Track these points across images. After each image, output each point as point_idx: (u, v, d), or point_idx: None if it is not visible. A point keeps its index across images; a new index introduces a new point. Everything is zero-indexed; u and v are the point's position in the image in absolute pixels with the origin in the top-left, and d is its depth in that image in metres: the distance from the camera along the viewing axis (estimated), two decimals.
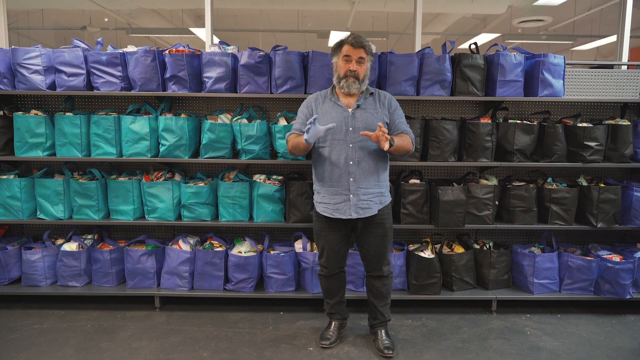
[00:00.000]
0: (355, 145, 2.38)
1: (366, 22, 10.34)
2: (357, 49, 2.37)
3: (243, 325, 2.87)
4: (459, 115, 3.37)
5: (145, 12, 8.74)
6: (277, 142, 2.99)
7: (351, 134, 2.39)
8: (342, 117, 2.41)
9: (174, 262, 3.03)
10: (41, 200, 3.06)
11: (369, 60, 2.45)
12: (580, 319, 3.02)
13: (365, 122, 2.40)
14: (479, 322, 2.97)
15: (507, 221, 3.16)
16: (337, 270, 2.61)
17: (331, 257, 2.55)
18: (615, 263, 2.99)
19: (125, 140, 2.99)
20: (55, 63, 2.98)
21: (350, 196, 2.40)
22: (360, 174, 2.39)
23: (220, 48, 3.12)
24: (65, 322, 2.87)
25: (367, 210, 2.41)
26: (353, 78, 2.38)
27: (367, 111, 2.43)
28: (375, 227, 2.48)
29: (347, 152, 2.38)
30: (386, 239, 2.51)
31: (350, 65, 2.38)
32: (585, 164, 3.06)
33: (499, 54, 3.00)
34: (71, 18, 9.93)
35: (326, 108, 2.46)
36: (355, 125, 2.39)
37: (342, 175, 2.40)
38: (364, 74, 2.41)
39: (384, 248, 2.52)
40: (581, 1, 8.06)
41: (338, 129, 2.39)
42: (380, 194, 2.47)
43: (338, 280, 2.64)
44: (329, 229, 2.50)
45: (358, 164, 2.39)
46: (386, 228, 2.50)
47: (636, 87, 3.40)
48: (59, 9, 8.21)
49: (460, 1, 7.24)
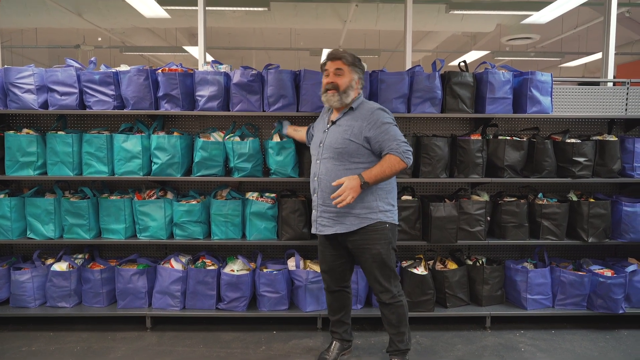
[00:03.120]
0: (321, 161, 2.39)
1: (358, 40, 10.50)
2: (333, 61, 2.37)
3: (236, 345, 2.84)
4: (450, 132, 3.41)
5: (139, 30, 8.81)
6: (270, 158, 3.00)
7: (319, 150, 2.42)
8: (319, 133, 2.49)
9: (165, 281, 3.00)
10: (31, 220, 3.03)
11: (354, 72, 2.37)
12: (574, 335, 3.02)
13: (331, 139, 2.37)
14: (473, 339, 2.95)
15: (499, 237, 3.18)
16: (337, 288, 2.57)
17: (326, 272, 2.56)
18: (607, 278, 3.00)
19: (117, 158, 2.98)
20: (47, 82, 2.99)
21: (314, 211, 2.46)
22: (321, 190, 2.38)
23: (213, 67, 3.14)
24: (54, 344, 2.82)
25: (327, 228, 2.39)
26: (332, 90, 2.35)
27: (339, 127, 2.37)
28: (359, 252, 2.38)
29: (315, 167, 2.43)
30: (374, 265, 2.36)
31: (327, 79, 2.38)
32: (575, 179, 3.10)
33: (488, 72, 3.05)
34: (65, 36, 9.99)
35: (319, 123, 2.57)
36: (325, 142, 2.40)
37: (312, 190, 2.46)
38: (345, 85, 2.33)
39: (373, 275, 2.39)
40: (568, 19, 8.24)
41: (315, 145, 2.48)
42: (349, 214, 2.32)
43: (339, 298, 2.59)
44: (323, 245, 2.52)
45: (320, 180, 2.38)
46: (372, 254, 2.34)
47: (622, 104, 3.47)
48: (52, 27, 8.25)
49: (449, 20, 7.37)
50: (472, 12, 6.71)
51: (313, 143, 2.54)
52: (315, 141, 2.52)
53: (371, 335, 2.98)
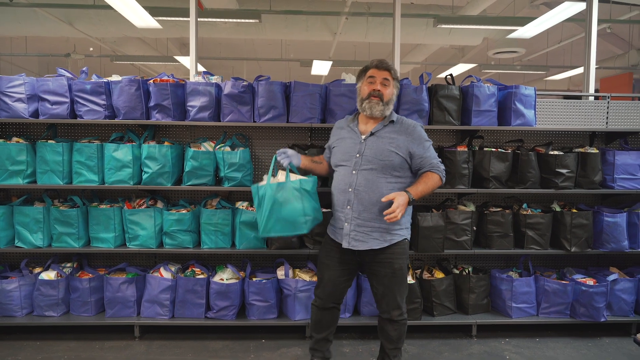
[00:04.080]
0: (359, 173, 2.27)
1: (348, 52, 10.63)
2: (381, 70, 2.31)
3: (224, 354, 2.84)
4: (437, 143, 3.48)
5: (130, 40, 8.84)
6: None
7: (357, 160, 2.28)
8: (353, 144, 2.34)
9: (155, 290, 3.01)
10: (20, 228, 3.02)
11: (395, 87, 2.37)
12: (557, 343, 3.08)
13: (375, 150, 2.28)
14: (459, 347, 2.99)
15: (485, 246, 3.24)
16: (331, 305, 2.45)
17: (328, 288, 2.41)
18: (589, 286, 3.07)
19: (108, 167, 3.00)
20: (39, 91, 3.00)
21: (345, 224, 2.29)
22: (358, 203, 2.25)
23: (204, 78, 3.19)
24: (41, 354, 2.80)
25: (361, 243, 2.26)
26: (377, 99, 2.28)
27: (381, 139, 2.30)
28: (381, 266, 2.30)
29: (350, 178, 2.28)
30: (394, 280, 2.30)
31: (374, 86, 2.30)
32: (558, 190, 3.18)
33: (474, 85, 3.13)
34: (54, 44, 9.97)
35: (343, 134, 2.42)
36: (364, 152, 2.29)
37: (343, 202, 2.30)
38: (389, 96, 2.31)
39: (391, 291, 2.31)
40: (553, 34, 8.45)
41: (348, 155, 2.32)
42: (383, 229, 2.27)
43: (330, 315, 2.48)
44: (332, 257, 2.38)
45: (357, 192, 2.26)
46: (394, 269, 2.29)
47: (603, 117, 3.58)
48: (42, 36, 8.24)
49: (437, 33, 7.53)
50: (459, 26, 6.86)
51: (343, 153, 2.36)
52: (346, 151, 2.35)
53: (359, 343, 3.01)
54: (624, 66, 9.38)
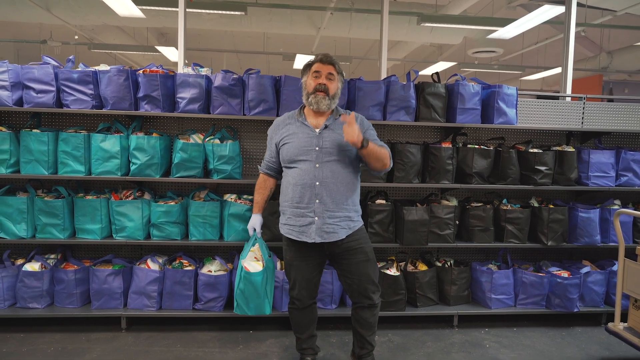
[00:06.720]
0: (322, 165, 2.29)
1: (329, 47, 10.66)
2: (326, 65, 2.34)
3: (213, 345, 2.87)
4: (422, 139, 3.57)
5: (108, 28, 8.64)
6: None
7: (318, 154, 2.30)
8: (308, 137, 2.34)
9: (142, 281, 3.00)
10: (2, 219, 2.96)
11: (339, 80, 2.40)
12: (533, 332, 3.22)
13: (333, 142, 2.32)
14: (442, 336, 3.10)
15: (467, 240, 3.35)
16: (310, 302, 2.48)
17: (304, 288, 2.41)
18: (564, 279, 3.23)
19: (94, 158, 2.97)
20: (23, 79, 2.94)
21: (315, 219, 2.28)
22: (327, 195, 2.28)
23: (194, 69, 3.18)
24: (25, 346, 2.77)
25: (332, 235, 2.28)
26: (323, 93, 2.31)
27: (336, 132, 2.34)
28: (355, 253, 2.35)
29: (314, 172, 2.28)
30: (369, 264, 2.37)
31: (319, 80, 2.32)
32: (537, 186, 3.31)
33: (459, 84, 3.23)
34: (29, 31, 9.65)
35: (293, 129, 2.39)
36: (322, 145, 2.31)
37: (308, 197, 2.28)
38: (334, 91, 2.35)
39: (369, 275, 2.37)
40: (529, 36, 8.69)
41: (305, 149, 2.31)
42: (347, 218, 2.33)
43: (310, 313, 2.51)
44: (301, 258, 2.38)
45: (324, 185, 2.28)
46: (367, 252, 2.37)
47: (579, 117, 3.73)
48: (18, 21, 7.97)
49: (419, 31, 7.64)
50: (442, 25, 6.98)
51: (298, 148, 2.33)
52: (301, 145, 2.33)
53: (345, 334, 3.08)
54: (594, 68, 9.72)
